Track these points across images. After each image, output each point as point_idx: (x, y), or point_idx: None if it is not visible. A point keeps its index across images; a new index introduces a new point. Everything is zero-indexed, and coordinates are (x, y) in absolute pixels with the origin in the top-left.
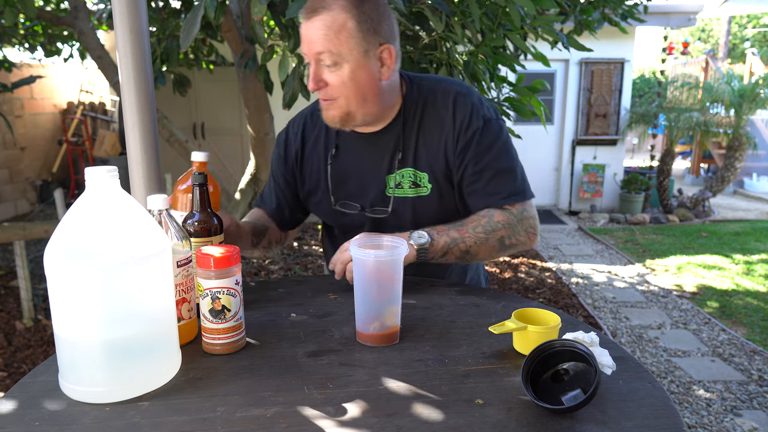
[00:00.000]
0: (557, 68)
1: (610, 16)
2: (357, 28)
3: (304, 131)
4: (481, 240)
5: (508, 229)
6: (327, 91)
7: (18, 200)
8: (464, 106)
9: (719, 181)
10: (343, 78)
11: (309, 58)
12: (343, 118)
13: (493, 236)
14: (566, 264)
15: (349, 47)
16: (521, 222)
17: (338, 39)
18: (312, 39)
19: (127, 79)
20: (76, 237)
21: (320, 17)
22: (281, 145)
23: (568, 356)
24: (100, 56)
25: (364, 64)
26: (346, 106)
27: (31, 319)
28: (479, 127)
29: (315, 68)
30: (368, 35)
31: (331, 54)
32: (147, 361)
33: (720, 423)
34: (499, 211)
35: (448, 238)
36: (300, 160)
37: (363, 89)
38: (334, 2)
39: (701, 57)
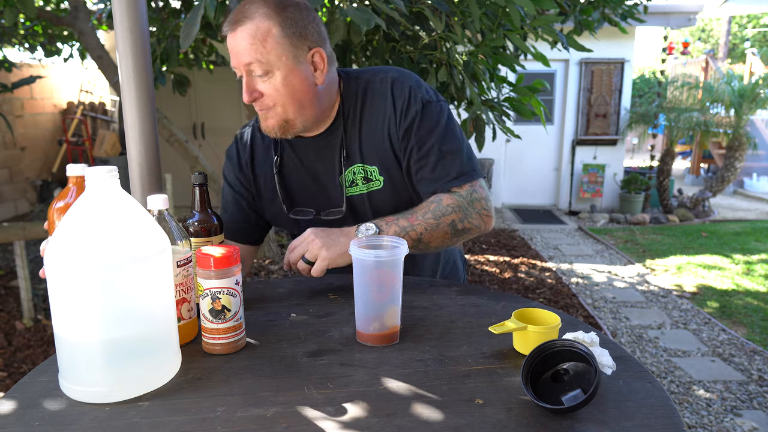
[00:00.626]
0: (557, 68)
1: (610, 16)
2: (282, 33)
3: (252, 142)
4: (432, 226)
5: (458, 213)
6: (263, 101)
7: (18, 200)
8: (401, 90)
9: (719, 181)
10: (276, 85)
11: (239, 70)
12: (282, 126)
13: (444, 221)
14: (566, 264)
15: (277, 54)
16: (472, 204)
17: (264, 47)
18: (239, 51)
19: (127, 79)
20: (76, 237)
21: (243, 27)
22: (233, 158)
23: (568, 356)
24: (100, 56)
25: (295, 69)
26: (283, 113)
27: (31, 319)
28: (418, 110)
29: (247, 80)
30: (295, 40)
31: (261, 63)
32: (147, 361)
33: (720, 423)
34: (447, 195)
35: (398, 227)
36: (252, 170)
37: (298, 95)
38: (255, 11)
39: (701, 57)
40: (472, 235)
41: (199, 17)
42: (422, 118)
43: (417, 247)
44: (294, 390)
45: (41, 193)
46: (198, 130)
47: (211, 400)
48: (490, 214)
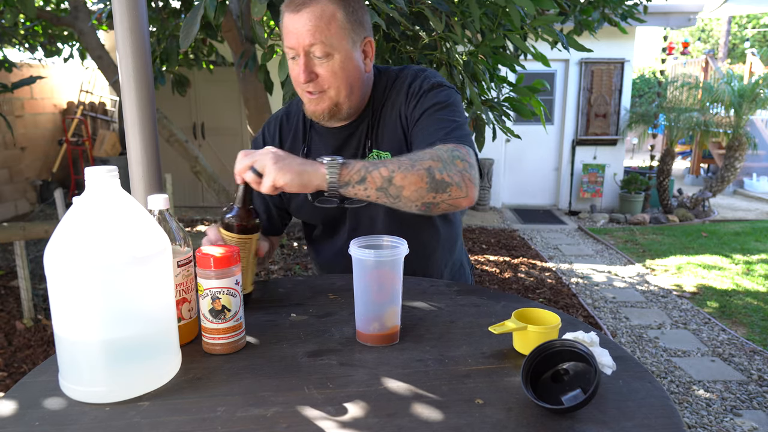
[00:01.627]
0: (557, 68)
1: (609, 16)
2: (345, 19)
3: (281, 133)
4: (405, 166)
5: (437, 162)
6: (317, 83)
7: (18, 200)
8: (416, 75)
9: (719, 181)
10: (334, 69)
11: (297, 51)
12: (331, 110)
13: (420, 165)
14: (566, 264)
15: (339, 38)
16: (453, 161)
17: (329, 30)
18: (301, 32)
19: (127, 79)
20: (76, 237)
21: (309, 9)
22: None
23: (568, 356)
24: (100, 56)
25: (351, 54)
26: (335, 97)
27: (31, 319)
28: (427, 89)
29: (305, 61)
30: (355, 26)
31: (323, 45)
32: (147, 361)
33: (720, 423)
34: (429, 149)
35: (366, 162)
36: None
37: (351, 80)
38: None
39: (701, 57)
40: (451, 199)
41: (199, 17)
42: (429, 93)
43: (387, 190)
44: (294, 390)
45: (41, 193)
46: (198, 130)
47: (211, 400)
48: (473, 181)
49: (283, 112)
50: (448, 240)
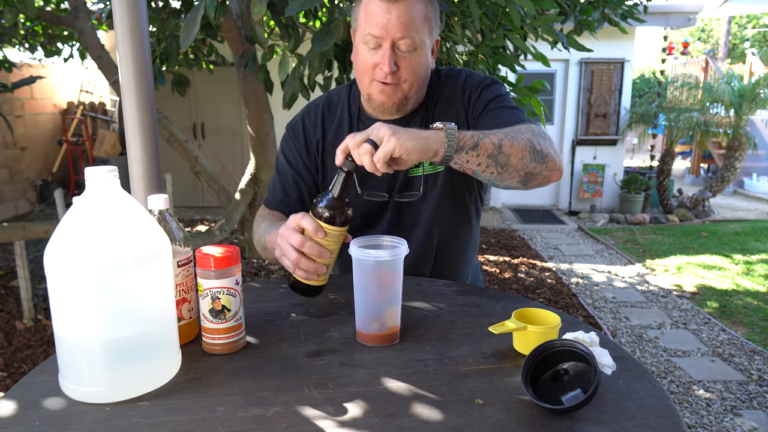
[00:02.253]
0: (557, 68)
1: (610, 16)
2: (432, 16)
3: (323, 121)
4: (511, 136)
5: (534, 135)
6: (396, 75)
7: (18, 200)
8: (471, 77)
9: (719, 181)
10: (414, 63)
11: (382, 41)
12: (400, 102)
13: (522, 136)
14: (566, 264)
15: (424, 34)
16: (544, 136)
17: (421, 26)
18: (393, 23)
19: (127, 79)
20: (76, 237)
21: (405, 3)
22: (299, 136)
23: (568, 356)
24: (100, 56)
25: (428, 51)
26: (408, 90)
27: (31, 319)
28: (486, 85)
29: (390, 53)
30: (435, 25)
31: (413, 40)
32: (147, 361)
33: (720, 423)
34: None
35: (476, 131)
36: (322, 151)
37: (423, 75)
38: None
39: (701, 57)
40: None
41: (199, 17)
42: (489, 87)
43: (497, 158)
44: (294, 390)
45: (41, 193)
46: (198, 130)
47: (211, 400)
48: (560, 155)
49: (324, 101)
50: (476, 239)
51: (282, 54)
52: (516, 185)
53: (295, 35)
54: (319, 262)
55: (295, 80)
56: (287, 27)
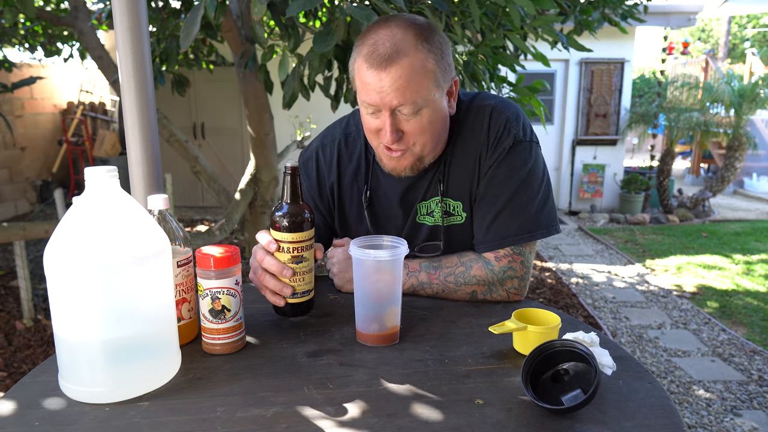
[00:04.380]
0: (557, 68)
1: (610, 16)
2: (436, 66)
3: (339, 162)
4: (450, 290)
5: (482, 287)
6: (403, 141)
7: (18, 200)
8: (498, 121)
9: (719, 181)
10: (422, 124)
11: (379, 108)
12: (414, 165)
13: (465, 289)
14: (566, 264)
15: (429, 90)
16: (503, 282)
17: (420, 86)
18: (387, 91)
19: (127, 79)
20: (76, 237)
21: (397, 66)
22: (312, 176)
23: (568, 356)
24: (100, 56)
25: (439, 104)
26: (420, 151)
27: (31, 319)
28: (506, 147)
29: (391, 121)
30: (445, 71)
31: (414, 104)
32: (147, 361)
33: (720, 423)
34: (480, 265)
35: (416, 281)
36: (338, 193)
37: (437, 131)
38: (406, 44)
39: (701, 57)
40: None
41: (199, 17)
42: (507, 156)
43: (435, 298)
44: (294, 390)
45: (41, 193)
46: (198, 130)
47: (211, 400)
48: (519, 294)
49: (341, 135)
50: None
51: (282, 54)
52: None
53: (295, 35)
54: (283, 281)
55: (295, 80)
56: (287, 27)
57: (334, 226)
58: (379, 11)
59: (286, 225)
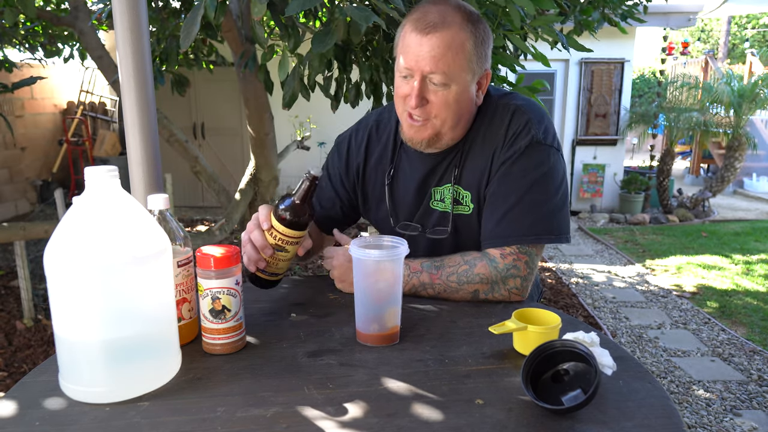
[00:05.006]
0: (557, 68)
1: (609, 16)
2: (473, 50)
3: (368, 145)
4: (452, 290)
5: (485, 285)
6: (426, 110)
7: (18, 200)
8: (519, 119)
9: (719, 181)
10: (448, 99)
11: (413, 73)
12: (431, 139)
13: (467, 288)
14: (566, 264)
15: (462, 69)
16: (505, 281)
17: (455, 60)
18: (426, 57)
19: (127, 79)
20: (76, 237)
21: (440, 34)
22: (343, 155)
23: (568, 356)
24: (100, 56)
25: (468, 87)
26: (440, 126)
27: (31, 319)
28: (522, 146)
29: (420, 86)
30: (480, 59)
31: (445, 75)
32: (147, 361)
33: (720, 423)
34: (484, 263)
35: (418, 281)
36: (362, 174)
37: (461, 112)
38: (453, 19)
39: (701, 57)
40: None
41: (199, 17)
42: (522, 155)
43: (437, 299)
44: (294, 390)
45: (41, 193)
46: (198, 130)
47: (211, 400)
48: (521, 294)
49: (374, 121)
50: None
51: (282, 54)
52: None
53: (295, 35)
54: (260, 255)
55: (295, 80)
56: (287, 27)
57: (357, 204)
58: (378, 12)
59: (282, 218)
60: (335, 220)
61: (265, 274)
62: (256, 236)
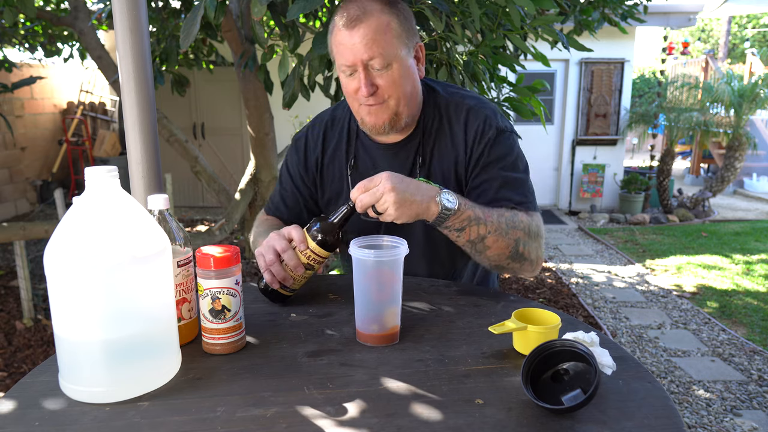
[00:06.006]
0: (557, 68)
1: (610, 16)
2: (400, 27)
3: (324, 139)
4: (501, 231)
5: (525, 235)
6: (378, 95)
7: (18, 200)
8: (476, 118)
9: (719, 181)
10: (394, 78)
11: (355, 66)
12: (392, 120)
13: (512, 234)
14: (566, 264)
15: (396, 47)
16: (536, 238)
17: (386, 41)
18: (359, 47)
19: (127, 79)
20: (76, 237)
21: (365, 23)
22: (300, 151)
23: (568, 356)
24: (100, 56)
25: (407, 61)
26: (395, 106)
27: (31, 319)
28: (491, 137)
29: (366, 74)
30: (408, 33)
31: (382, 57)
32: (147, 361)
33: (720, 423)
34: (524, 213)
35: (473, 213)
36: (320, 167)
37: (409, 87)
38: (373, 7)
39: (701, 57)
40: (519, 269)
41: (199, 17)
42: (494, 145)
43: (476, 245)
44: (294, 390)
45: (41, 193)
46: (198, 130)
47: (211, 400)
48: (542, 260)
49: (329, 117)
50: None
51: (282, 54)
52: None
53: (295, 35)
54: (289, 273)
55: (295, 80)
56: (287, 27)
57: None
58: None
59: (320, 239)
60: (301, 219)
61: (287, 290)
62: (290, 256)
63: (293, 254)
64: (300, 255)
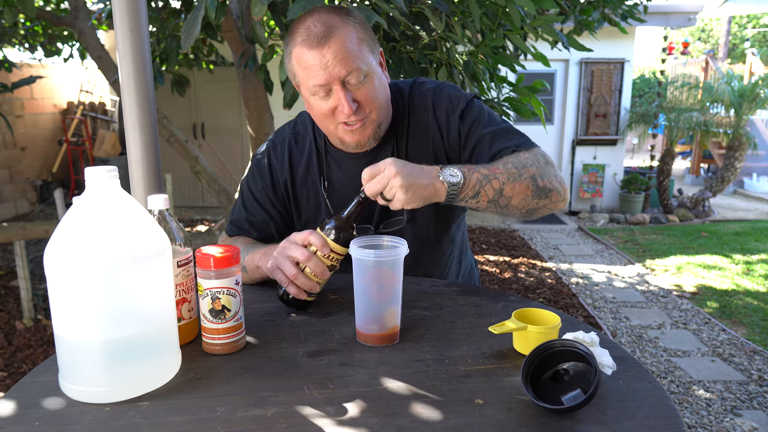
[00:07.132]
0: (557, 68)
1: (610, 16)
2: (363, 36)
3: (291, 159)
4: (513, 176)
5: (537, 168)
6: (360, 110)
7: (18, 200)
8: (441, 99)
9: (719, 181)
10: (372, 89)
11: (330, 85)
12: (375, 132)
13: (525, 173)
14: (566, 264)
15: (366, 56)
16: (547, 166)
17: (360, 52)
18: (334, 64)
19: (127, 79)
20: (76, 237)
21: (333, 40)
22: (265, 174)
23: (568, 356)
24: (100, 56)
25: (377, 70)
26: (377, 118)
27: (31, 319)
28: (461, 109)
29: (344, 93)
30: (371, 40)
31: (359, 71)
32: (147, 361)
33: (720, 423)
34: (526, 151)
35: (480, 174)
36: (292, 190)
37: (385, 96)
38: (334, 21)
39: (701, 57)
40: (551, 203)
41: (200, 18)
42: (465, 116)
43: (497, 202)
44: (294, 390)
45: (41, 193)
46: (198, 130)
47: (211, 400)
48: (565, 183)
49: (290, 134)
50: (462, 245)
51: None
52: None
53: None
54: (314, 281)
55: None
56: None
57: (292, 221)
58: (379, 11)
59: (341, 237)
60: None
61: (312, 296)
62: (316, 263)
63: (318, 261)
64: (324, 259)
